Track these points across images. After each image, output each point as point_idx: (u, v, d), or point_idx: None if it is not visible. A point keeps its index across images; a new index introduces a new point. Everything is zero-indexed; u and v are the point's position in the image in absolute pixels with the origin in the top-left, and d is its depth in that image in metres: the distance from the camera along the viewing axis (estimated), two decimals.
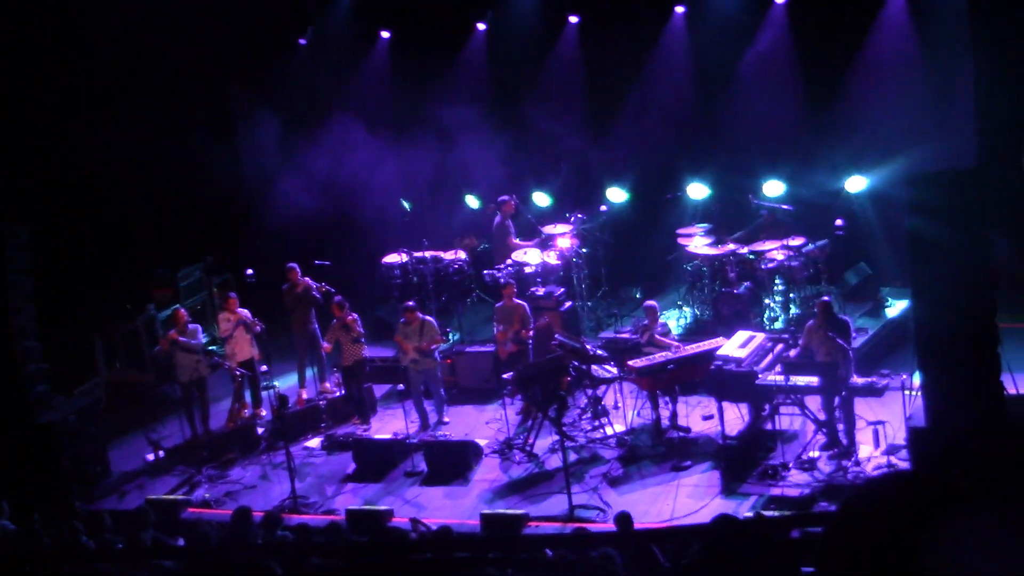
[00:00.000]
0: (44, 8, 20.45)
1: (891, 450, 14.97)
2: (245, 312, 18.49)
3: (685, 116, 21.55)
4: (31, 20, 20.52)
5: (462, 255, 20.94)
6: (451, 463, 16.49)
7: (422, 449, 16.82)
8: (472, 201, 21.89)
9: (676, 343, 16.96)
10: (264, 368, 18.96)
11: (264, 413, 18.64)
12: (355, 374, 18.36)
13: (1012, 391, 12.25)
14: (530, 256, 20.18)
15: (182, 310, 18.92)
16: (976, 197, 11.87)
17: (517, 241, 20.65)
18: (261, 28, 22.53)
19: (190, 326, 18.18)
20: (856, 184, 19.35)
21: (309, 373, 19.51)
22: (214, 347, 19.63)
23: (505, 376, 17.35)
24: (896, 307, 18.92)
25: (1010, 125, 17.01)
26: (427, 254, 20.70)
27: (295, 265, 19.26)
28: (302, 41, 23.96)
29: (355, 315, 18.32)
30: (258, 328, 18.47)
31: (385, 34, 23.63)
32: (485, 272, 20.16)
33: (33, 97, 20.89)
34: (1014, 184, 11.74)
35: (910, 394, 14.78)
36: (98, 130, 21.10)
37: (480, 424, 17.83)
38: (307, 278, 19.17)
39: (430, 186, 22.21)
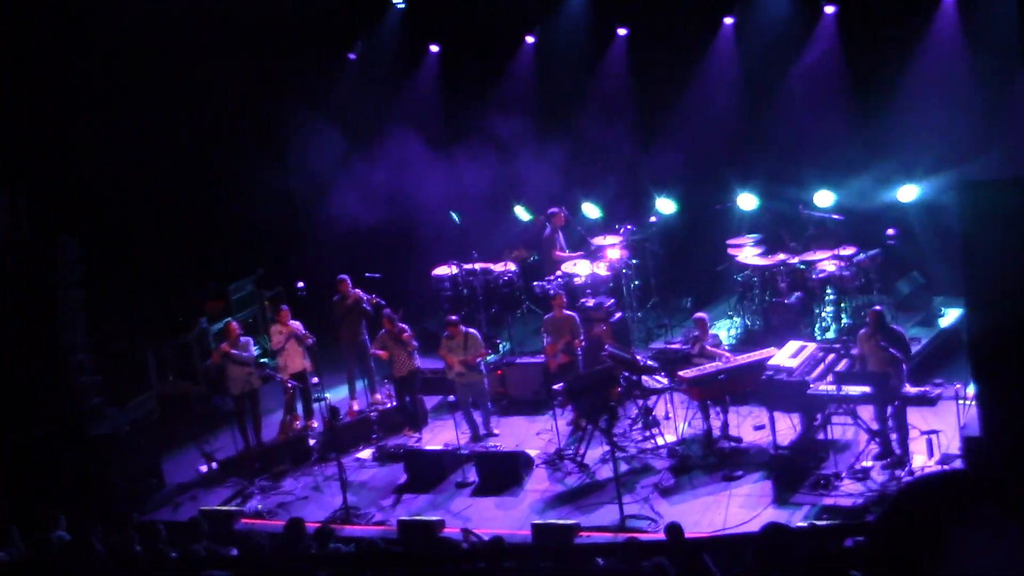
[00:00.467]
0: (100, 17, 20.60)
1: (945, 459, 14.82)
2: (297, 324, 18.61)
3: (734, 126, 21.52)
4: (78, 30, 20.72)
5: (512, 267, 20.99)
6: (502, 474, 16.51)
7: (473, 460, 16.86)
8: (522, 213, 21.95)
9: (727, 354, 16.91)
10: (315, 380, 19.08)
11: (316, 425, 18.75)
12: (407, 385, 18.44)
13: None
14: (580, 267, 20.18)
15: (234, 323, 19.05)
16: None
17: (562, 254, 20.67)
18: (311, 43, 22.72)
19: (242, 339, 18.30)
20: (908, 193, 19.25)
21: (360, 385, 19.59)
22: (266, 359, 19.79)
23: (555, 387, 17.36)
24: (949, 316, 18.78)
25: None
26: (477, 266, 20.74)
27: (346, 277, 19.36)
28: (352, 56, 24.14)
29: (406, 326, 18.41)
30: (309, 340, 18.58)
31: (434, 48, 23.78)
32: (535, 283, 20.18)
33: (88, 112, 21.17)
34: None
35: (964, 403, 14.65)
36: (152, 145, 21.36)
37: (531, 435, 17.84)
38: (358, 290, 19.27)
39: (480, 198, 22.25)
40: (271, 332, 19.08)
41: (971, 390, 13.62)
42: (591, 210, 21.53)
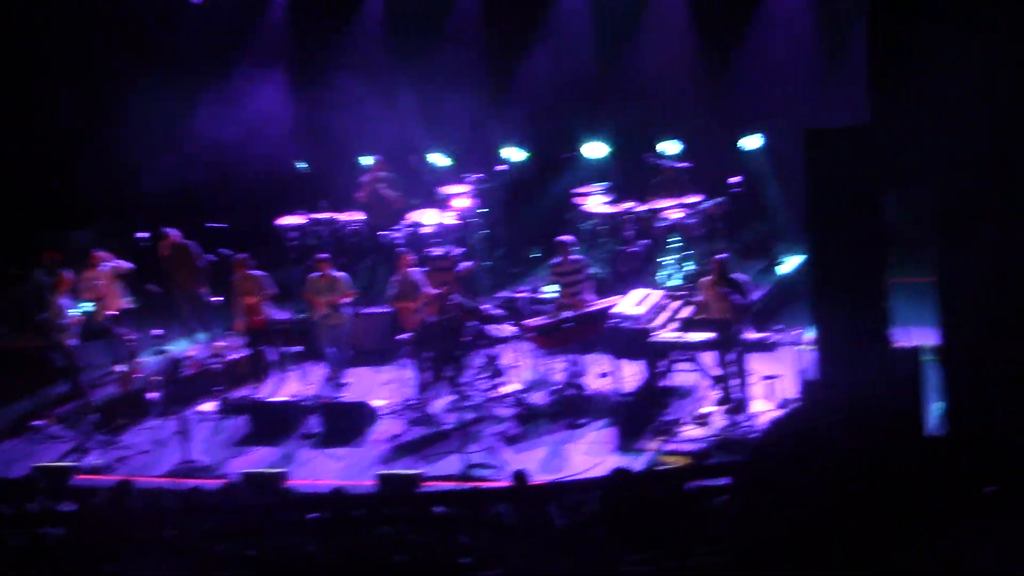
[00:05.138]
0: None
1: (784, 404, 15.07)
2: (111, 262, 18.11)
3: (583, 76, 21.52)
4: None
5: (359, 216, 20.76)
6: (347, 425, 16.35)
7: (318, 411, 16.64)
8: (370, 162, 21.64)
9: (588, 276, 16.97)
10: (158, 332, 18.51)
11: (154, 376, 18.25)
12: (259, 334, 18.05)
13: (900, 344, 12.32)
14: (427, 216, 20.05)
15: (68, 274, 18.41)
16: (871, 155, 11.88)
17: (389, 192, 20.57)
18: None
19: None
20: (752, 142, 19.46)
21: (200, 337, 19.19)
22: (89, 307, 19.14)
23: (401, 337, 17.18)
24: (791, 263, 19.06)
25: (904, 83, 17.09)
26: (325, 215, 20.48)
27: (171, 230, 19.00)
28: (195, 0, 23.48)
29: (262, 273, 18.03)
30: (124, 267, 18.11)
31: None
32: (381, 234, 20.00)
33: None
34: (906, 143, 11.77)
35: (803, 348, 14.86)
36: None
37: (377, 386, 17.64)
38: (189, 241, 18.85)
39: (328, 147, 21.98)
40: (84, 279, 18.37)
41: (810, 335, 13.80)
42: (439, 159, 21.37)
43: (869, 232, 11.87)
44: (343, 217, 20.70)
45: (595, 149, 20.31)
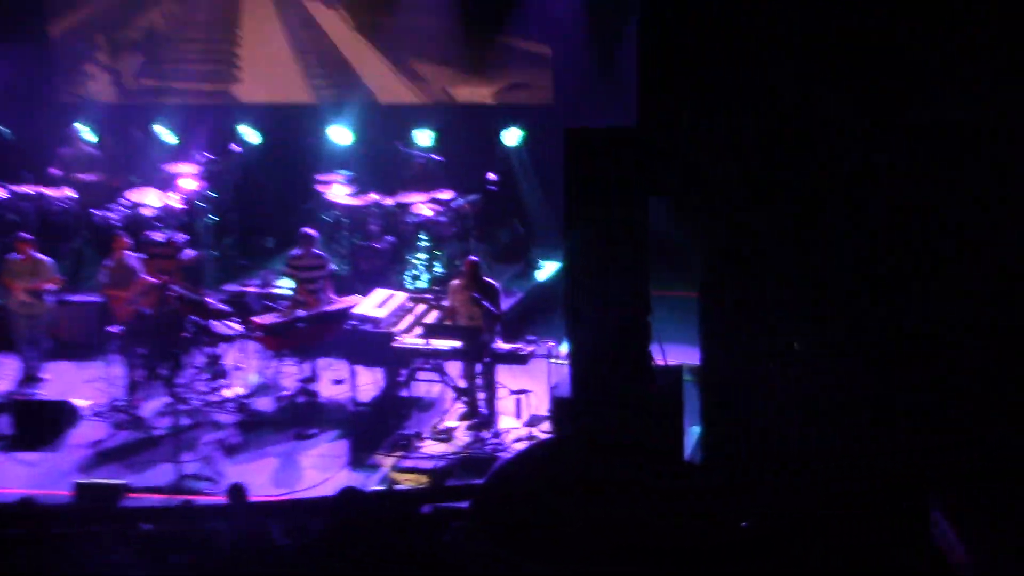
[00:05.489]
0: None
1: (533, 421, 15.22)
2: None
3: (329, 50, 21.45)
4: None
5: (70, 192, 20.08)
6: (43, 426, 15.72)
7: (9, 410, 15.97)
8: (87, 133, 20.97)
9: (329, 273, 16.81)
10: None
11: None
12: None
13: (660, 361, 12.55)
14: (149, 197, 19.56)
15: None
16: (636, 159, 12.06)
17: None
18: None
19: None
20: (512, 137, 19.61)
21: None
22: None
23: (112, 329, 16.65)
24: (547, 269, 19.29)
25: (674, 84, 17.53)
26: (30, 189, 19.83)
27: None
28: None
29: None
30: None
31: None
32: (93, 211, 19.42)
33: None
34: (677, 148, 11.98)
35: (556, 362, 15.01)
36: None
37: (80, 383, 17.01)
38: None
39: (37, 111, 21.28)
40: None
41: (564, 348, 13.96)
42: (166, 134, 20.88)
43: (630, 240, 12.07)
44: (51, 192, 19.93)
45: (341, 134, 20.18)
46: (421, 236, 18.67)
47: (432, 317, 16.25)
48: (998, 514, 9.93)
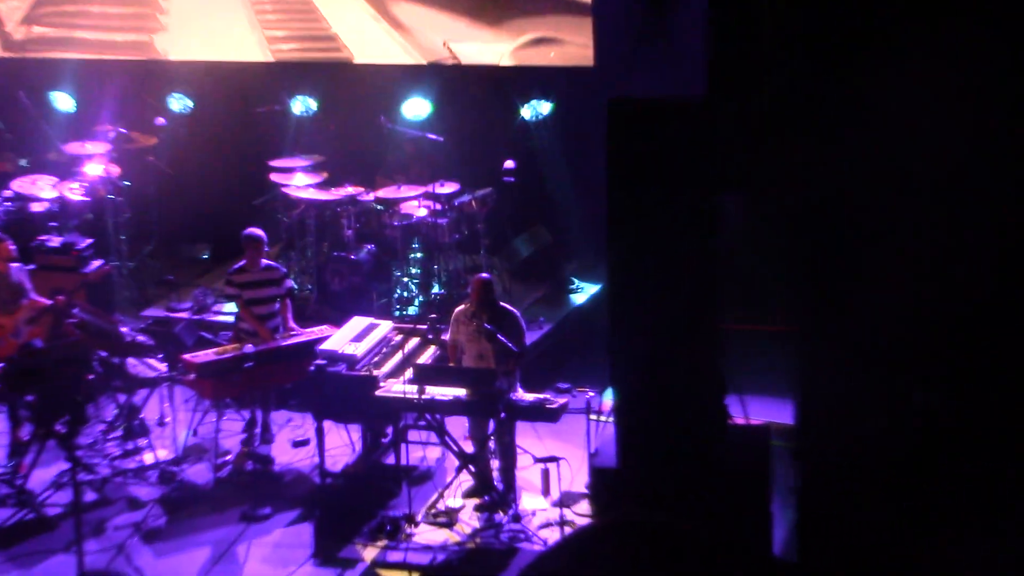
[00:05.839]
0: None
1: (566, 500, 15.20)
2: None
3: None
4: None
5: None
6: None
7: None
8: None
9: (286, 292, 16.93)
10: None
11: None
12: None
13: (740, 420, 12.57)
14: (42, 187, 19.71)
15: None
16: (702, 137, 12.04)
17: None
18: None
19: None
20: (536, 110, 19.69)
21: None
22: None
23: None
24: (585, 292, 19.35)
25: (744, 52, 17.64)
26: None
27: None
28: None
29: None
30: None
31: None
32: None
33: None
34: (761, 125, 11.91)
35: (597, 420, 15.05)
36: None
37: None
38: None
39: None
40: None
41: (608, 400, 13.97)
42: (64, 101, 21.08)
43: (696, 251, 12.05)
44: None
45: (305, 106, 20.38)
46: (413, 244, 18.76)
47: (428, 356, 16.33)
48: None
